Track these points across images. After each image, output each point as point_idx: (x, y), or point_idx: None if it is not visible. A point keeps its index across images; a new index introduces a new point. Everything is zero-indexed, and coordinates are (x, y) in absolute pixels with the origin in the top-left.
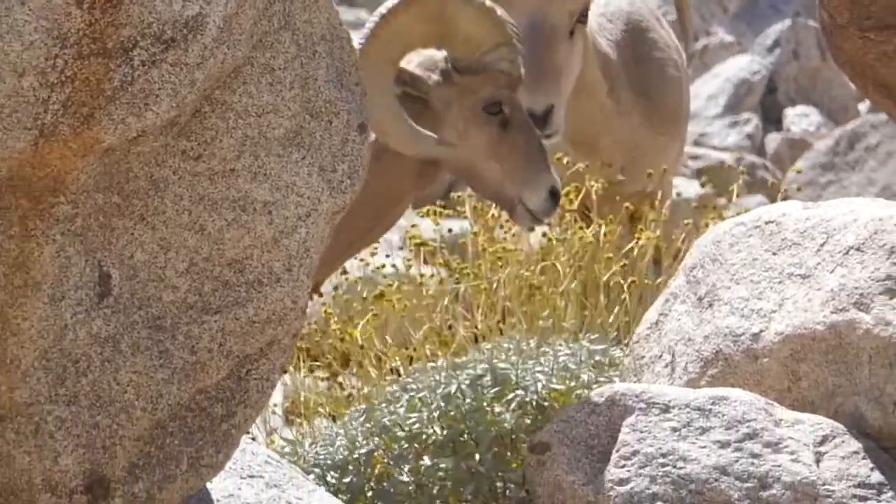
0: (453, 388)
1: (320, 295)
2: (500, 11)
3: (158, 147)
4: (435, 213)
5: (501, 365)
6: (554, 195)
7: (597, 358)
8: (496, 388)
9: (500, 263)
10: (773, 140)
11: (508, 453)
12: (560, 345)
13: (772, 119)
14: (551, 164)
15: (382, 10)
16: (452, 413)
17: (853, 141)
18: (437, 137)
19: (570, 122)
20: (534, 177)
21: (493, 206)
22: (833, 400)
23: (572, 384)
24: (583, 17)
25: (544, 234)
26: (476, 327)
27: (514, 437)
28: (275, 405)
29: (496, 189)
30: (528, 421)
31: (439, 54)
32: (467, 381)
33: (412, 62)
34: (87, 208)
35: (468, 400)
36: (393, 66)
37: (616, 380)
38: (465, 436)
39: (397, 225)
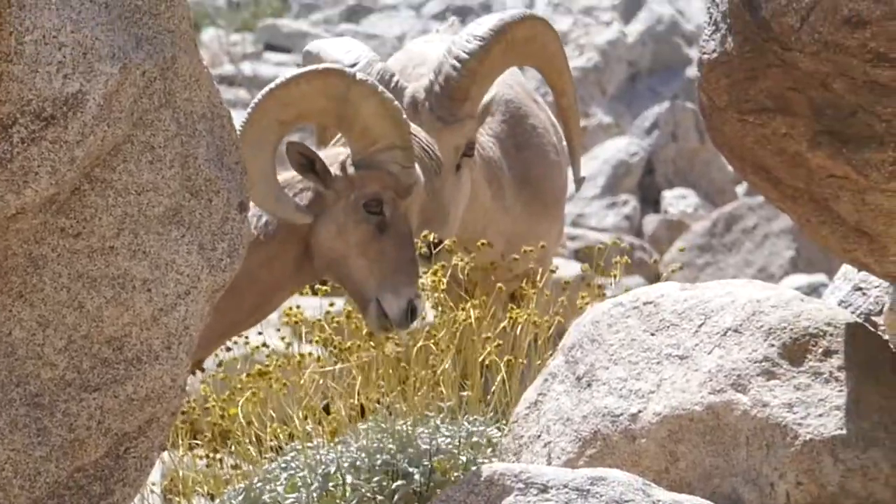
0: (333, 469)
1: (202, 370)
2: (404, 115)
3: (37, 224)
4: (315, 291)
5: (380, 449)
6: (412, 311)
7: (475, 439)
8: (377, 477)
9: (373, 343)
10: (650, 221)
11: None
12: (437, 426)
13: (649, 200)
14: (417, 280)
15: (290, 73)
16: (332, 491)
17: (730, 223)
18: (297, 203)
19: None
20: (398, 286)
21: None
22: (710, 481)
23: (451, 464)
24: (469, 151)
25: (422, 317)
26: (352, 408)
27: None
28: (153, 484)
29: (358, 286)
30: None
31: (345, 151)
32: (346, 463)
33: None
34: None
35: (349, 481)
36: (280, 127)
37: (494, 460)
38: None
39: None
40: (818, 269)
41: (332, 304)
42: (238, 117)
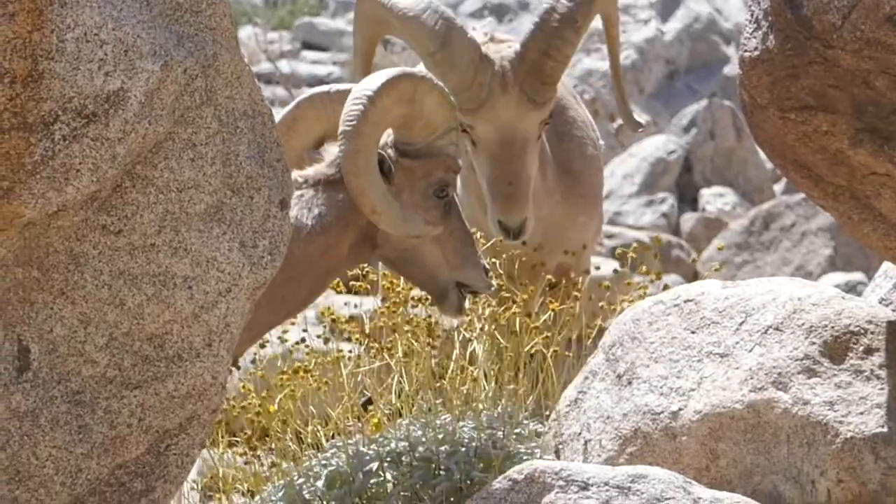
0: (375, 466)
1: (238, 368)
2: (450, 97)
3: (79, 222)
4: (350, 289)
5: (421, 447)
6: (486, 272)
7: (518, 431)
8: (420, 471)
9: (413, 340)
10: (688, 220)
11: None
12: (477, 426)
13: (687, 199)
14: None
15: (367, 92)
16: (374, 490)
17: (768, 221)
18: (424, 218)
19: None
20: (473, 259)
21: (403, 281)
22: (751, 479)
23: (494, 461)
24: (549, 120)
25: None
26: (391, 403)
27: None
28: (193, 481)
29: (432, 274)
30: (452, 499)
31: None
32: (388, 459)
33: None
34: (6, 283)
35: (390, 477)
36: (377, 149)
37: (537, 453)
38: None
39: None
40: (856, 268)
41: (356, 306)
42: (277, 114)
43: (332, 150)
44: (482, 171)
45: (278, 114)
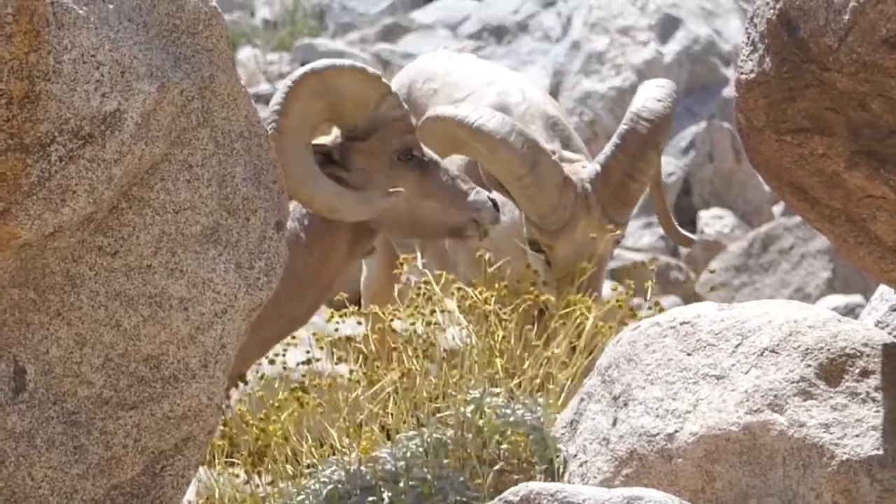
0: (372, 483)
1: (245, 383)
2: (369, 69)
3: (75, 243)
4: (342, 315)
5: (416, 466)
6: (493, 201)
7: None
8: (415, 492)
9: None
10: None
11: None
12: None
13: (686, 220)
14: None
15: (275, 107)
16: None
17: (767, 243)
18: (381, 191)
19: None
20: (473, 196)
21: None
22: (747, 501)
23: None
24: (622, 238)
25: (463, 330)
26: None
27: None
28: (189, 502)
29: (442, 222)
30: None
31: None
32: (385, 479)
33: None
34: (2, 304)
35: (386, 498)
36: (308, 148)
37: (533, 476)
38: None
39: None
40: (855, 290)
41: (336, 329)
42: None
43: None
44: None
45: None
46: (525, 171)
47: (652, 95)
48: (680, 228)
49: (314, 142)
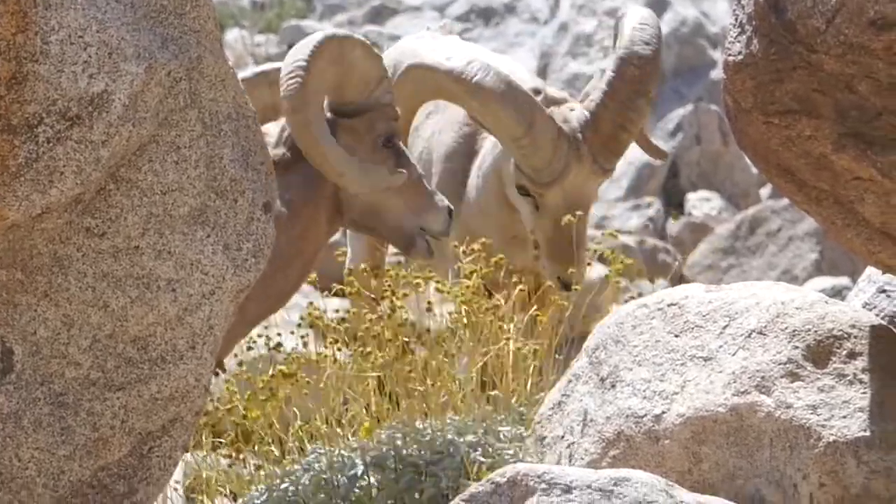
0: (359, 470)
1: (224, 371)
2: (376, 49)
3: (62, 224)
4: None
5: (405, 451)
6: (450, 214)
7: (501, 436)
8: (407, 478)
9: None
10: (674, 224)
11: None
12: (464, 425)
13: (674, 203)
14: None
15: (300, 62)
16: (358, 492)
17: (754, 226)
18: (387, 168)
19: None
20: (432, 202)
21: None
22: (734, 482)
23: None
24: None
25: (450, 312)
26: (368, 408)
27: None
28: (176, 482)
29: (398, 223)
30: None
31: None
32: (373, 464)
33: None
34: None
35: (373, 481)
36: (323, 114)
37: (521, 457)
38: None
39: (295, 304)
40: (842, 272)
41: (336, 311)
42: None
43: (272, 131)
44: (543, 232)
45: None
46: (522, 132)
47: (638, 38)
48: (653, 140)
49: None
